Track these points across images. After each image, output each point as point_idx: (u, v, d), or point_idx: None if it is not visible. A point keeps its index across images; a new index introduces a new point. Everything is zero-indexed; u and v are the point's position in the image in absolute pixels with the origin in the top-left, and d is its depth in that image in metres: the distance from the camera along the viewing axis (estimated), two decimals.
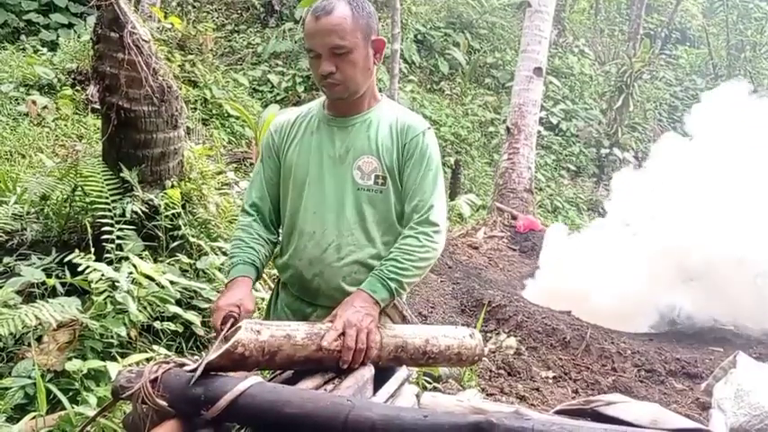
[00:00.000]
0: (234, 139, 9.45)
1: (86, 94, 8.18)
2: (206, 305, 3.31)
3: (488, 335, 4.88)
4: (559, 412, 1.54)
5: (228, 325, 1.93)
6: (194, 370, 1.68)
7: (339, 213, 2.09)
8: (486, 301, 5.23)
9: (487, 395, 3.88)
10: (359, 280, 2.03)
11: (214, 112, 9.63)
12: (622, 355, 4.73)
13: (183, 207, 3.51)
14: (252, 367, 1.76)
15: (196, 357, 2.13)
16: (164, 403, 1.68)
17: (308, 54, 2.03)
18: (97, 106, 7.99)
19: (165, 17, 7.37)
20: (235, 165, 7.96)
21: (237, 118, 9.48)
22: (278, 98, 11.27)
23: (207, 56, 10.47)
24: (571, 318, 5.34)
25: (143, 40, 3.31)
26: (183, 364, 1.78)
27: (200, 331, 3.28)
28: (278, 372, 1.92)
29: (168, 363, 1.80)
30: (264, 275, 4.13)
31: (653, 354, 4.78)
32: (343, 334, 1.81)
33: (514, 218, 8.31)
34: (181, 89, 3.59)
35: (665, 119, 15.15)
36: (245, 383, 1.64)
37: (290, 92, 11.48)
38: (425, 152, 2.09)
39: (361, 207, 2.08)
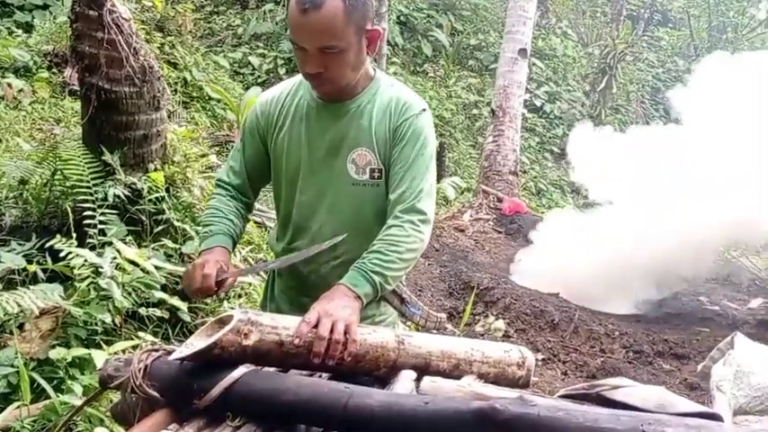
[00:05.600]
0: (215, 122, 9.32)
1: (63, 77, 8.00)
2: None
3: (477, 317, 4.86)
4: (563, 397, 1.51)
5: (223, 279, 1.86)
6: (184, 359, 1.61)
7: (334, 210, 1.97)
8: (474, 284, 5.21)
9: None
10: None
11: (194, 94, 9.47)
12: (610, 336, 4.75)
13: (167, 191, 3.42)
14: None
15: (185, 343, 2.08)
16: (154, 393, 1.63)
17: (293, 45, 1.81)
18: (75, 88, 7.87)
19: None
20: (217, 148, 7.85)
21: (219, 101, 9.34)
22: (259, 80, 11.12)
23: (186, 37, 10.29)
24: (559, 300, 5.34)
25: (123, 18, 3.21)
26: (171, 352, 1.72)
27: (187, 317, 3.21)
28: None
29: (157, 350, 1.74)
30: (250, 259, 4.08)
31: (640, 335, 4.80)
32: (317, 326, 1.60)
33: (500, 200, 8.28)
34: (162, 69, 3.50)
35: (648, 100, 15.20)
36: (237, 371, 1.58)
37: (271, 74, 11.33)
38: (419, 135, 1.91)
39: (356, 203, 1.96)
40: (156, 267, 2.93)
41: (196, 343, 1.62)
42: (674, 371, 4.40)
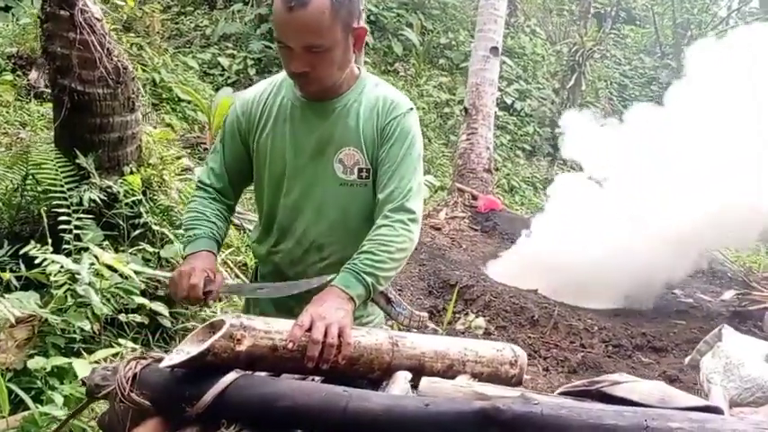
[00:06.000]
0: (186, 124, 9.20)
1: (28, 80, 7.83)
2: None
3: (457, 315, 4.86)
4: (563, 394, 1.50)
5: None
6: (176, 366, 1.57)
7: (320, 211, 1.94)
8: (453, 282, 5.21)
9: None
10: None
11: (164, 96, 9.33)
12: (589, 331, 4.78)
13: (144, 194, 3.35)
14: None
15: (171, 350, 2.02)
16: (144, 401, 1.58)
17: (277, 44, 1.78)
18: (41, 91, 7.70)
19: None
20: (189, 150, 7.73)
21: (189, 102, 9.22)
22: (229, 81, 11.01)
23: (154, 38, 10.15)
24: (538, 296, 5.37)
25: (95, 18, 3.13)
26: (160, 359, 1.68)
27: (167, 322, 3.15)
28: None
29: (145, 358, 1.70)
30: (229, 262, 4.02)
31: (619, 329, 4.85)
32: (310, 329, 1.58)
33: (475, 198, 8.30)
34: (136, 70, 3.43)
35: (616, 97, 15.39)
36: (229, 376, 1.54)
37: (241, 74, 11.23)
38: (407, 134, 1.89)
39: (344, 204, 1.93)
40: (136, 272, 2.86)
41: (187, 349, 1.58)
42: (652, 364, 4.45)
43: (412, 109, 1.95)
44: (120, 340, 2.82)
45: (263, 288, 2.02)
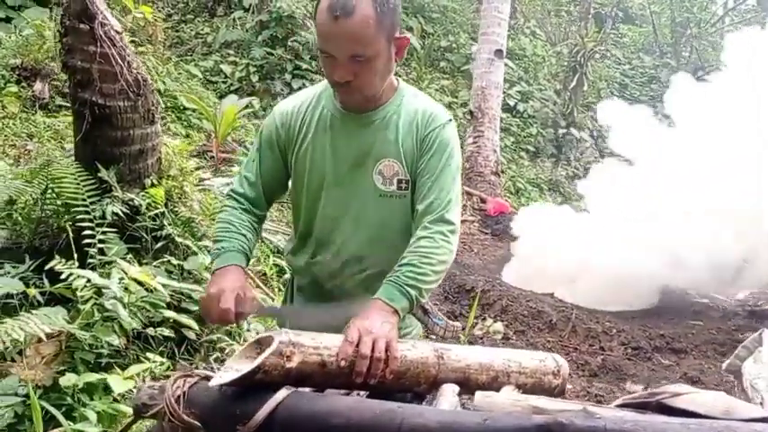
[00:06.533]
0: (192, 132, 9.17)
1: (33, 91, 7.82)
2: (196, 308, 3.16)
3: (475, 320, 4.84)
4: (621, 406, 1.48)
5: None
6: (226, 384, 1.55)
7: (359, 223, 1.92)
8: (468, 287, 5.20)
9: None
10: None
11: (169, 104, 9.31)
12: (608, 334, 4.77)
13: (165, 206, 3.34)
14: None
15: (217, 367, 2.00)
16: (194, 421, 1.56)
17: (320, 53, 1.77)
18: (47, 102, 7.69)
19: (136, 6, 6.94)
20: (196, 159, 7.71)
21: (194, 110, 9.19)
22: (232, 88, 10.99)
23: (158, 47, 10.13)
24: (554, 300, 5.35)
25: (115, 31, 3.13)
26: (207, 377, 1.66)
27: (192, 335, 3.13)
28: None
29: (191, 376, 1.68)
30: (249, 272, 4.00)
31: (637, 331, 4.84)
32: (357, 344, 1.56)
33: (483, 201, 8.30)
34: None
35: (617, 97, 15.37)
36: (280, 394, 1.52)
37: (243, 81, 11.20)
38: (446, 145, 1.87)
39: (383, 215, 1.91)
40: (163, 285, 2.84)
41: (236, 366, 1.56)
42: (672, 365, 4.44)
43: (450, 120, 1.94)
44: (149, 354, 2.81)
45: (299, 313, 2.00)
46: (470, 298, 5.03)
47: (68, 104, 6.86)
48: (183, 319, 2.90)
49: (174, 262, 3.17)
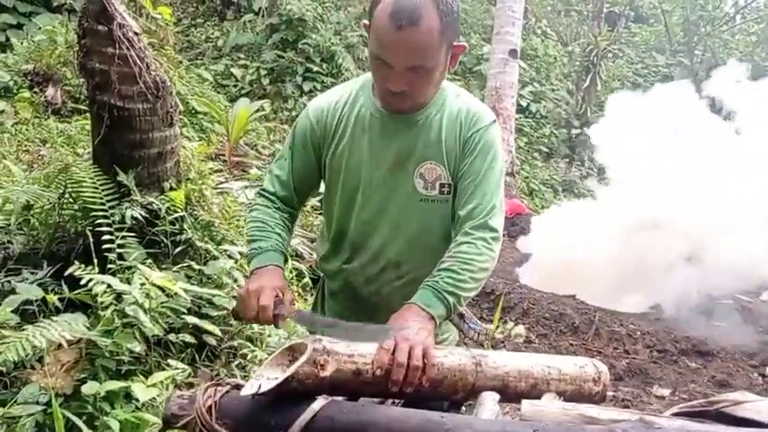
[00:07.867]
0: (203, 136, 9.15)
1: (45, 96, 7.81)
2: (216, 313, 3.10)
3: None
4: (678, 415, 1.40)
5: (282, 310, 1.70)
6: (259, 393, 1.48)
7: (398, 227, 1.84)
8: (488, 290, 5.12)
9: None
10: None
11: (180, 108, 9.28)
12: (632, 336, 4.68)
13: (184, 209, 3.28)
14: None
15: (242, 375, 1.94)
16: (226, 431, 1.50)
17: (374, 59, 1.67)
18: (60, 107, 7.68)
19: (154, 7, 6.89)
20: (211, 163, 7.67)
21: (205, 114, 9.17)
22: (243, 92, 10.98)
23: (169, 51, 10.12)
24: (576, 302, 5.26)
25: (133, 32, 3.07)
26: (237, 386, 1.60)
27: (213, 341, 3.07)
28: None
29: (222, 385, 1.62)
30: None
31: (662, 334, 4.75)
32: (394, 351, 1.50)
33: None
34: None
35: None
36: (317, 404, 1.46)
37: (254, 85, 11.19)
38: (490, 147, 1.79)
39: (423, 220, 1.83)
40: (184, 290, 2.78)
41: (267, 374, 1.50)
42: (700, 368, 4.35)
43: (495, 121, 1.86)
44: (170, 361, 2.75)
45: (338, 328, 1.92)
46: (491, 300, 4.96)
47: (81, 109, 6.87)
48: (206, 324, 2.83)
49: (195, 267, 3.11)
